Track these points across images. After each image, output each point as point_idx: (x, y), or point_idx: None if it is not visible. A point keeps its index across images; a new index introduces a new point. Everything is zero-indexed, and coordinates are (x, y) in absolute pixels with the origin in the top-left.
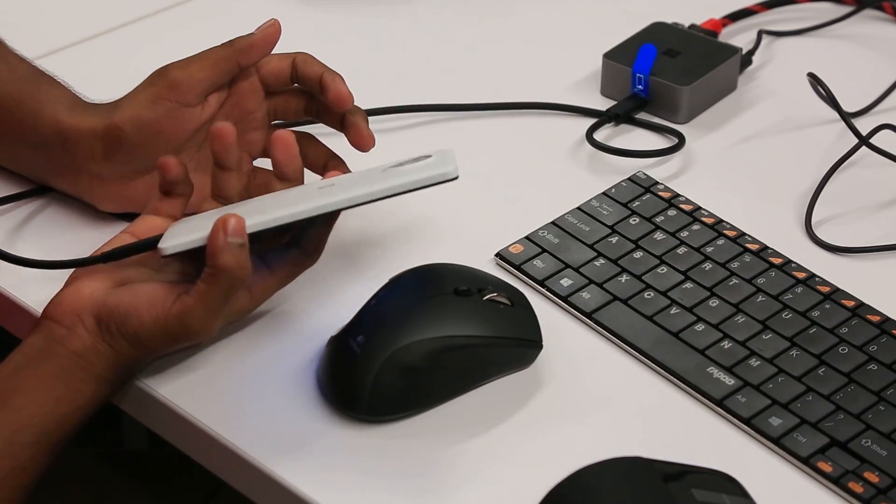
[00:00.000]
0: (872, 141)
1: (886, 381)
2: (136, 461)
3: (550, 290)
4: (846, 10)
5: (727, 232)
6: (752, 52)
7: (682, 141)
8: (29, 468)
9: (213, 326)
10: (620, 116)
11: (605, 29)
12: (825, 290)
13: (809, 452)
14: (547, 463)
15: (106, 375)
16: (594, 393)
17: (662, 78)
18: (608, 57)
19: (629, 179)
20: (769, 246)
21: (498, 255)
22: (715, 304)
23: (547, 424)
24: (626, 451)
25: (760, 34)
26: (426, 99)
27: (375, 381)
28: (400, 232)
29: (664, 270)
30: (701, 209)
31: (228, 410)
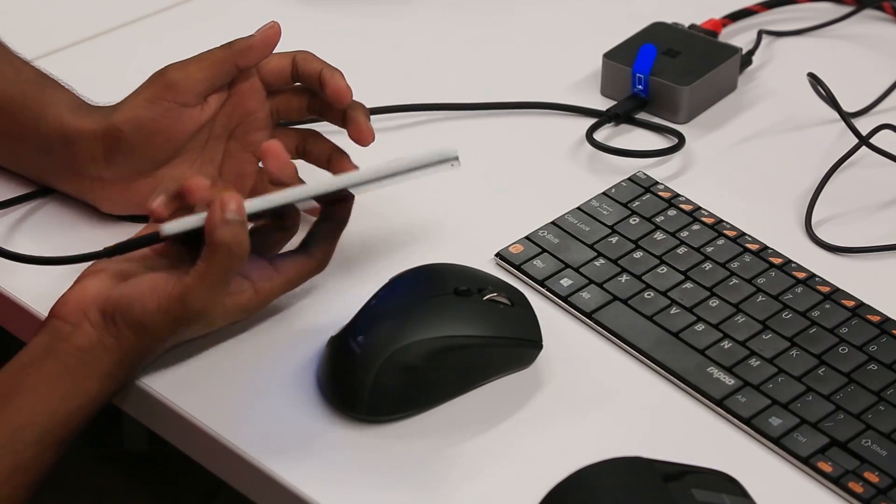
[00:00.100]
0: (872, 141)
1: (886, 381)
2: (136, 461)
3: (550, 290)
4: (846, 10)
5: (727, 232)
6: (752, 52)
7: (682, 141)
8: (32, 467)
9: (213, 306)
10: (620, 116)
11: (605, 29)
12: (825, 290)
13: (809, 452)
14: (547, 463)
15: (111, 371)
16: (594, 393)
17: (662, 78)
18: (608, 57)
19: (629, 179)
20: (769, 246)
21: (498, 255)
22: (715, 304)
23: (547, 424)
24: (626, 451)
25: (760, 34)
26: (426, 98)
27: (375, 380)
28: (400, 232)
29: (664, 270)
30: (701, 209)
31: (228, 410)
